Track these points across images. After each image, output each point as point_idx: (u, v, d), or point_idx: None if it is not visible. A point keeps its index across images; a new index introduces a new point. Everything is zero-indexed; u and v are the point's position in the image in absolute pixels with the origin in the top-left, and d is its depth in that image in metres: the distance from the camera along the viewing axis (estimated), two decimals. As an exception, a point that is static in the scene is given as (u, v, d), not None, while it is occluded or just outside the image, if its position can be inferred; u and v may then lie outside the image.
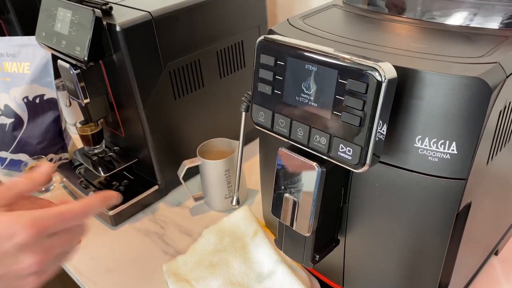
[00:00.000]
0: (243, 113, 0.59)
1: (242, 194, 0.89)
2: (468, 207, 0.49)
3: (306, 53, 0.45)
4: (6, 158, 1.01)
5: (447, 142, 0.44)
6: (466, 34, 0.51)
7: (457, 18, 0.55)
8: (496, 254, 0.73)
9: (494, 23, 0.53)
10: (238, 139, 0.83)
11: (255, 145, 1.04)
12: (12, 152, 1.00)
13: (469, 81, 0.41)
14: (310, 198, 0.50)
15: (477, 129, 0.43)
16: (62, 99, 1.08)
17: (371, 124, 0.41)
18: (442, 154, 0.44)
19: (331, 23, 0.57)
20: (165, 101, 0.85)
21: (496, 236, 0.69)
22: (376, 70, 0.40)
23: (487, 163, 0.48)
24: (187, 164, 0.83)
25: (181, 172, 0.84)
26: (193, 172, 0.94)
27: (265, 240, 0.70)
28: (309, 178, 0.49)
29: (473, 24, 0.53)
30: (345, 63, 0.42)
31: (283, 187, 0.53)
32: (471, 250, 0.59)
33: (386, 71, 0.40)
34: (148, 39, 0.77)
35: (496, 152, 0.49)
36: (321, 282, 0.67)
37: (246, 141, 0.63)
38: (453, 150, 0.44)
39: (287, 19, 0.58)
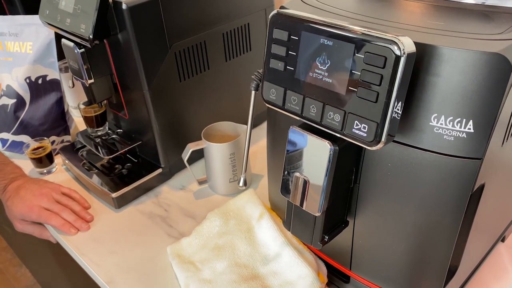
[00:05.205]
0: (253, 92, 0.58)
1: (247, 178, 0.88)
2: (481, 188, 0.49)
3: (321, 27, 0.44)
4: (7, 140, 1.00)
5: (464, 120, 0.43)
6: (483, 12, 0.50)
7: (472, -3, 0.54)
8: (503, 240, 0.72)
9: (510, 1, 0.52)
10: (243, 123, 0.82)
11: (259, 130, 1.03)
12: (14, 134, 0.99)
13: (489, 57, 0.40)
14: (321, 177, 0.49)
15: (495, 107, 0.42)
16: (65, 81, 1.07)
17: (388, 99, 0.40)
18: (458, 132, 0.43)
19: (345, 1, 0.56)
20: (171, 83, 0.83)
21: (503, 223, 0.69)
22: (395, 43, 0.39)
23: (502, 144, 0.48)
24: (191, 147, 0.82)
25: (186, 155, 0.83)
26: (198, 156, 0.94)
27: (271, 222, 0.69)
28: (321, 157, 0.48)
29: (488, 2, 0.52)
30: (363, 37, 0.41)
31: (293, 166, 0.52)
32: (480, 234, 0.58)
33: (406, 45, 0.39)
34: (154, 18, 0.76)
35: (512, 133, 0.48)
36: (328, 265, 0.67)
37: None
38: (469, 128, 0.43)
39: (299, -4, 0.57)
